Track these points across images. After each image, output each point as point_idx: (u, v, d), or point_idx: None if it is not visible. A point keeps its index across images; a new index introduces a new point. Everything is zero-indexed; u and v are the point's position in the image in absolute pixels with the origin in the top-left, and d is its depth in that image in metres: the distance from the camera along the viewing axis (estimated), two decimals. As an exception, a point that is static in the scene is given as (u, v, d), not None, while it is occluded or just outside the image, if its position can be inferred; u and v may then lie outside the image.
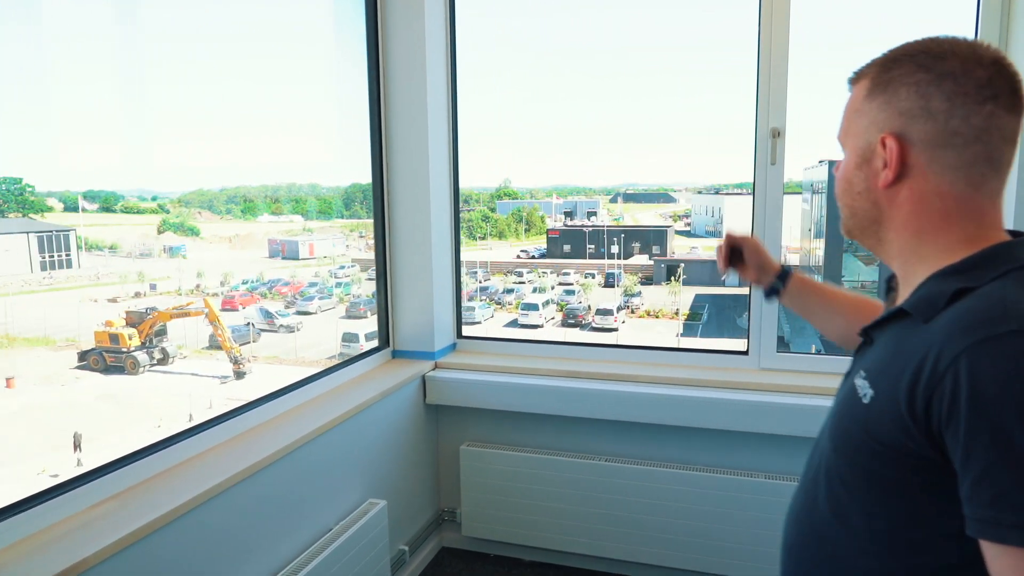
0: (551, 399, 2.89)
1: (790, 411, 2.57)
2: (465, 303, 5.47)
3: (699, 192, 5.65)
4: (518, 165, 5.71)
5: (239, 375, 4.48)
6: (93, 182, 4.39)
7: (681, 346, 3.05)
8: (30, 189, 4.04)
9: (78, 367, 4.20)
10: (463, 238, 5.97)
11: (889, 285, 1.15)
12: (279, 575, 2.24)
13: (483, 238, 5.72)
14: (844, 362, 3.06)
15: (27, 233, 4.24)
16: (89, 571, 1.59)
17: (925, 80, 0.93)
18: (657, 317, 5.20)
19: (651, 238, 5.45)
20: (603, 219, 5.76)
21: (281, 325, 5.01)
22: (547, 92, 5.11)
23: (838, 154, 1.22)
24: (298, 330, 4.84)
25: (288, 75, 3.59)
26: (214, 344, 4.72)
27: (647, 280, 5.41)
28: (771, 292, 1.54)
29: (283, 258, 5.47)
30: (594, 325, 5.17)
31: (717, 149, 5.16)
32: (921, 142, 0.94)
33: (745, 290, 5.81)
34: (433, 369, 3.15)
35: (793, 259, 5.08)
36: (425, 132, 3.04)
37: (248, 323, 4.95)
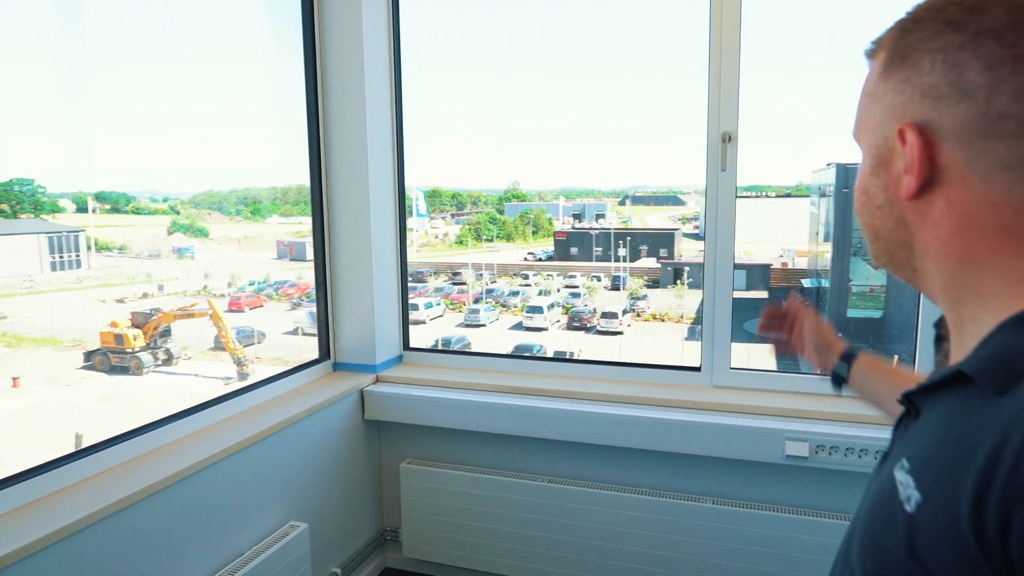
0: (495, 416, 2.76)
1: (739, 433, 2.43)
2: (471, 305, 5.44)
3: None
4: (527, 167, 5.66)
5: (243, 376, 4.49)
6: (105, 183, 4.44)
7: (633, 361, 2.92)
8: (42, 190, 4.09)
9: (84, 367, 4.24)
10: (469, 240, 5.96)
11: (939, 332, 0.86)
12: None
13: (490, 240, 5.68)
14: (802, 380, 2.89)
15: (38, 234, 4.29)
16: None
17: (955, 43, 0.67)
18: (663, 321, 5.12)
19: (659, 241, 5.38)
20: (611, 222, 5.70)
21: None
22: (555, 94, 5.07)
23: (843, 155, 1.06)
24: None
25: (227, 74, 3.57)
26: (219, 345, 4.75)
27: (654, 283, 5.33)
28: (836, 380, 1.32)
29: (291, 259, 5.48)
30: (599, 328, 5.11)
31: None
32: (955, 133, 0.68)
33: (753, 294, 5.73)
34: (373, 383, 3.01)
35: (801, 263, 4.98)
36: (364, 133, 2.90)
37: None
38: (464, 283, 5.54)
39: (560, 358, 3.14)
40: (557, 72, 5.04)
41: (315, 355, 3.11)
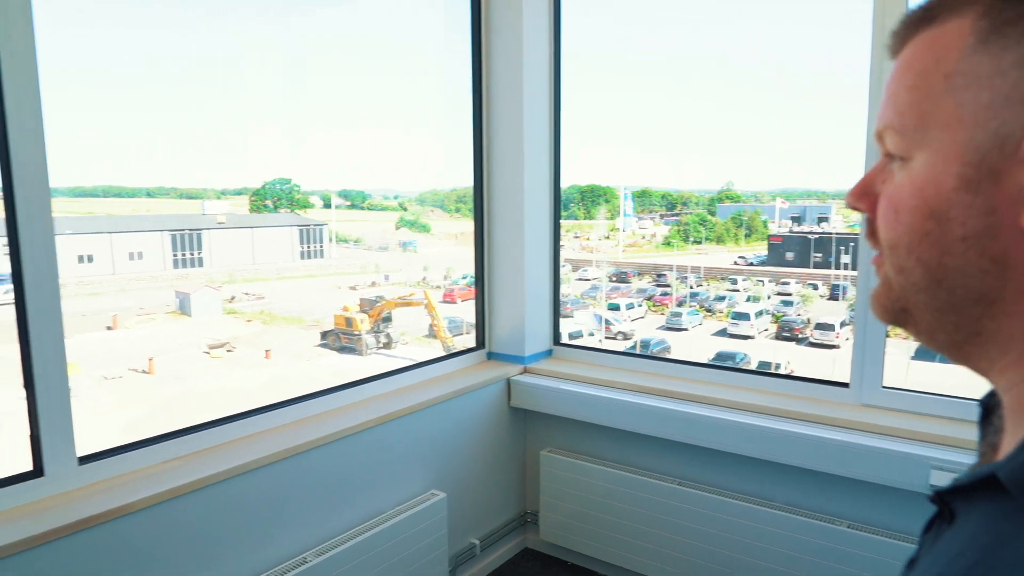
0: (635, 416, 2.79)
1: (882, 456, 2.24)
2: (673, 308, 5.29)
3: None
4: (741, 167, 5.37)
5: (449, 363, 4.82)
6: (347, 182, 5.02)
7: (783, 372, 2.70)
8: (297, 188, 4.74)
9: (319, 345, 4.82)
10: (676, 241, 5.77)
11: (985, 407, 0.65)
12: (329, 542, 2.46)
13: (699, 242, 5.48)
14: (961, 406, 2.51)
15: (291, 227, 4.94)
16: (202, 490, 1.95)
17: None
18: (888, 336, 4.56)
19: (891, 248, 4.79)
20: (835, 225, 5.20)
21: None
22: (768, 90, 4.75)
23: None
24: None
25: (401, 76, 3.78)
26: (432, 333, 5.12)
27: (883, 295, 4.76)
28: None
29: (503, 255, 5.70)
30: (812, 340, 4.70)
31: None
32: None
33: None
34: (521, 373, 3.16)
35: None
36: (520, 136, 2.99)
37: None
38: (668, 285, 5.40)
39: (706, 364, 3.01)
40: (778, 72, 4.72)
41: (474, 344, 3.32)
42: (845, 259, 4.99)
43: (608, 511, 2.94)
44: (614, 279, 5.49)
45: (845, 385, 2.61)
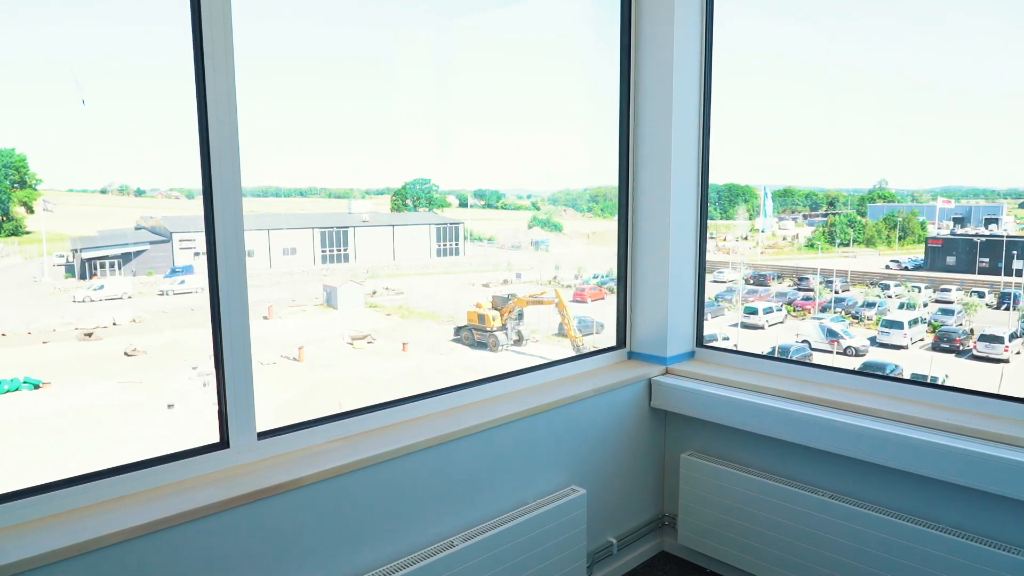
0: (781, 422, 2.68)
1: None
2: (815, 314, 5.05)
3: None
4: (897, 162, 5.06)
5: (580, 362, 4.83)
6: (482, 182, 5.16)
7: (957, 386, 2.45)
8: (435, 188, 4.92)
9: (453, 340, 4.97)
10: (820, 243, 5.49)
11: None
12: (474, 528, 2.52)
13: (846, 245, 5.21)
14: None
15: (429, 225, 5.13)
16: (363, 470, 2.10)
17: None
18: (1066, 352, 4.12)
19: (1073, 253, 4.33)
20: (1007, 228, 4.79)
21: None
22: (926, 79, 4.43)
23: None
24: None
25: (542, 77, 3.76)
26: (562, 332, 5.16)
27: (1061, 305, 4.32)
28: None
29: (634, 256, 5.64)
30: (975, 352, 4.34)
31: None
32: None
33: None
34: (663, 374, 3.11)
35: None
36: (668, 136, 2.93)
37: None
38: (811, 289, 5.16)
39: (855, 371, 2.83)
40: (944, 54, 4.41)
41: (612, 343, 3.31)
42: (1018, 265, 4.58)
43: (749, 519, 2.85)
44: (751, 282, 5.30)
45: None
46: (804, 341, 4.70)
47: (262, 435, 2.20)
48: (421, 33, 3.64)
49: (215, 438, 2.12)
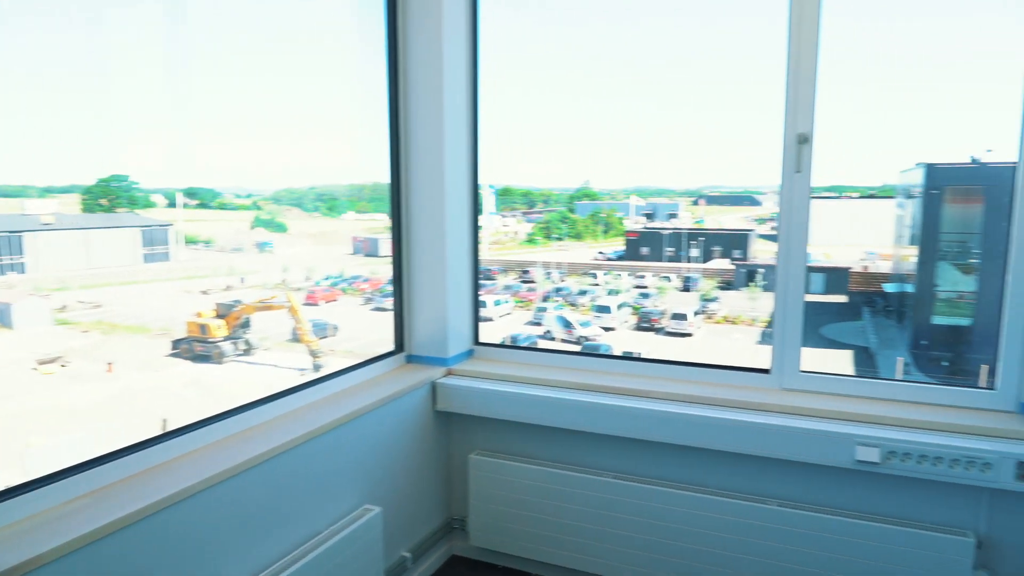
0: (563, 412, 2.79)
1: (808, 436, 2.38)
2: (539, 303, 5.44)
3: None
4: (598, 167, 5.63)
5: (317, 367, 4.63)
6: (194, 180, 4.67)
7: (702, 361, 2.86)
8: (136, 185, 4.34)
9: (171, 355, 4.45)
10: (539, 239, 5.96)
11: None
12: (266, 572, 2.23)
13: (560, 239, 5.67)
14: (875, 385, 2.66)
15: (132, 227, 4.52)
16: (77, 552, 1.68)
17: None
18: (735, 324, 4.99)
19: (733, 242, 5.24)
20: (684, 221, 5.60)
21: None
22: (629, 93, 5.02)
23: (932, 155, 0.96)
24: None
25: (308, 72, 3.67)
26: (296, 337, 4.91)
27: (727, 285, 5.20)
28: None
29: (365, 255, 5.61)
30: (668, 329, 5.03)
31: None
32: None
33: (832, 297, 5.51)
34: (445, 375, 3.08)
35: (884, 266, 4.75)
36: (441, 133, 2.93)
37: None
38: (533, 281, 5.55)
39: (629, 356, 3.10)
40: (632, 74, 5.00)
41: (390, 348, 3.19)
42: (694, 252, 5.38)
43: (539, 510, 2.91)
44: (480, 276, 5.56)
45: (766, 371, 2.74)
46: (547, 332, 5.06)
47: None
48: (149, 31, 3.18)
49: None
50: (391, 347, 3.23)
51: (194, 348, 4.56)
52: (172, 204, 4.67)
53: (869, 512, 2.40)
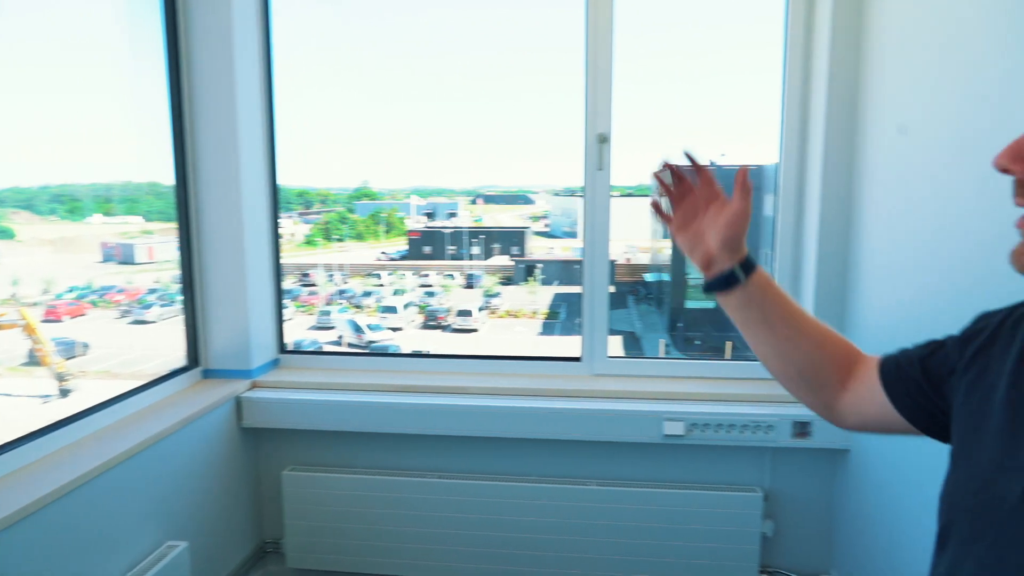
0: (378, 416, 2.74)
1: (620, 417, 2.58)
2: (322, 307, 5.26)
3: (556, 194, 5.79)
4: (377, 166, 5.58)
5: (64, 393, 4.02)
6: None
7: (518, 354, 3.02)
8: None
9: None
10: (319, 240, 5.75)
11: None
12: None
13: (340, 240, 5.53)
14: (676, 365, 3.08)
15: None
16: None
17: None
18: (516, 317, 5.27)
19: (510, 239, 5.52)
20: (464, 220, 5.77)
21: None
22: (401, 94, 5.04)
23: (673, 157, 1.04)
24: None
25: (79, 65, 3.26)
26: (35, 360, 4.22)
27: (507, 281, 5.47)
28: (726, 281, 1.05)
29: (118, 263, 4.97)
30: (455, 326, 5.16)
31: (572, 152, 5.34)
32: None
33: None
34: (250, 389, 2.89)
35: (643, 258, 5.35)
36: (235, 131, 2.76)
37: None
38: (314, 284, 5.35)
39: (440, 354, 3.13)
40: (412, 71, 5.02)
41: (181, 363, 2.88)
42: (475, 250, 5.56)
43: (359, 520, 2.79)
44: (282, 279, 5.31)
45: (578, 359, 2.87)
46: (340, 336, 4.89)
47: None
48: None
49: None
50: (183, 363, 2.92)
51: None
52: None
53: (678, 481, 2.67)
